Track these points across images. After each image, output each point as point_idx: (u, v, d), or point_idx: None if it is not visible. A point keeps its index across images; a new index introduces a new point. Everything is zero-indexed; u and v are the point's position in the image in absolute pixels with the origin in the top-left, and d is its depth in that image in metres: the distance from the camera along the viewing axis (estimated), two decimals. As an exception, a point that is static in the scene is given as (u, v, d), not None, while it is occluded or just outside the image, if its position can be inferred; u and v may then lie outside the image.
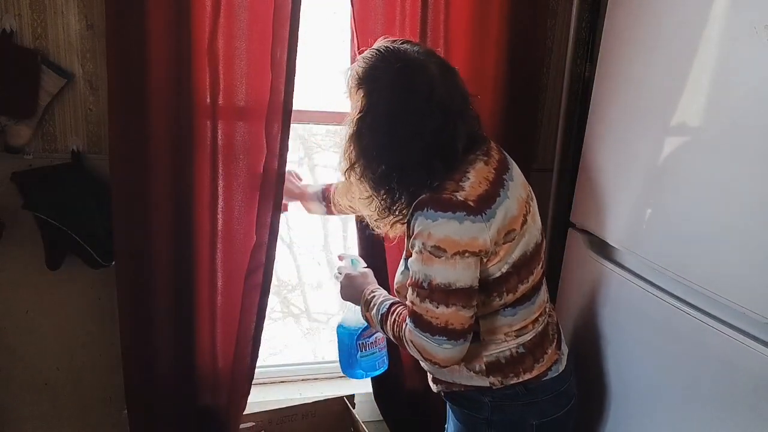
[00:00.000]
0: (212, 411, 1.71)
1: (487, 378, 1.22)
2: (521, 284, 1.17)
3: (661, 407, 1.31)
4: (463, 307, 1.09)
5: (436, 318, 1.09)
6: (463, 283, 1.08)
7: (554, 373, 1.26)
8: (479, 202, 1.07)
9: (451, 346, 1.10)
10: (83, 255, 1.56)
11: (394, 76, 1.08)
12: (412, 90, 1.08)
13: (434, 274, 1.08)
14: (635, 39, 1.42)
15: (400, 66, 1.08)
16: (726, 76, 1.15)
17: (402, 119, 1.08)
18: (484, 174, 1.12)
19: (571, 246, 1.68)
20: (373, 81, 1.10)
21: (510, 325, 1.20)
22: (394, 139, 1.09)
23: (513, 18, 1.65)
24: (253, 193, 1.56)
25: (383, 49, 1.11)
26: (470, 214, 1.06)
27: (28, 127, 1.50)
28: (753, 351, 1.06)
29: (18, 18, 1.47)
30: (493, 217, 1.09)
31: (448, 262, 1.06)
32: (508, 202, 1.12)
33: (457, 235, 1.05)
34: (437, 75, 1.09)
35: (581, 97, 1.89)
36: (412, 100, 1.08)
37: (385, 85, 1.09)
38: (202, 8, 1.44)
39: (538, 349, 1.24)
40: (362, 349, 1.56)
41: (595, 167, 1.57)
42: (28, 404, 1.73)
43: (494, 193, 1.10)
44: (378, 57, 1.10)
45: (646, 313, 1.35)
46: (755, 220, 1.07)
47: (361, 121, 1.10)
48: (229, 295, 1.63)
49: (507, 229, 1.11)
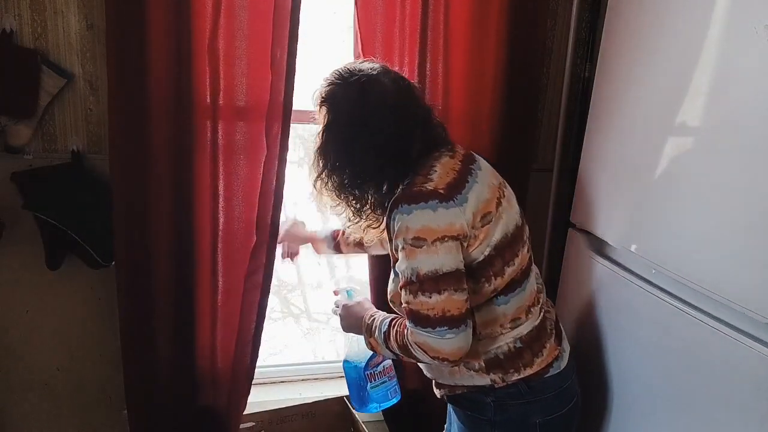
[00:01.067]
0: (212, 411, 1.71)
1: (488, 375, 1.22)
2: (507, 266, 1.19)
3: (660, 407, 1.31)
4: (455, 290, 1.11)
5: (432, 309, 1.11)
6: (449, 267, 1.11)
7: (556, 370, 1.26)
8: (449, 189, 1.13)
9: (453, 335, 1.11)
10: (83, 255, 1.56)
11: (350, 92, 1.19)
12: (367, 103, 1.18)
13: (419, 264, 1.11)
14: (635, 39, 1.42)
15: (354, 81, 1.19)
16: (726, 76, 1.15)
17: (359, 130, 1.18)
18: (450, 166, 1.19)
19: (571, 246, 1.68)
20: (332, 98, 1.21)
21: (504, 315, 1.21)
22: (352, 148, 1.19)
23: (513, 18, 1.65)
24: (253, 193, 1.56)
25: (341, 69, 1.22)
26: (442, 201, 1.11)
27: (28, 127, 1.51)
28: (753, 351, 1.06)
29: (18, 18, 1.47)
30: (465, 201, 1.14)
31: (430, 250, 1.10)
32: (477, 186, 1.17)
33: (434, 223, 1.10)
34: (391, 88, 1.20)
35: (581, 97, 1.89)
36: (366, 113, 1.18)
37: (343, 100, 1.19)
38: (202, 8, 1.44)
39: (536, 343, 1.24)
40: (371, 379, 1.56)
41: (595, 167, 1.57)
42: (28, 404, 1.73)
43: (462, 180, 1.16)
44: (336, 76, 1.21)
45: (645, 313, 1.35)
46: (755, 220, 1.07)
47: (325, 135, 1.22)
48: (229, 295, 1.63)
49: (482, 212, 1.16)
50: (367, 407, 1.58)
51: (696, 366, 1.21)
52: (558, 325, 1.35)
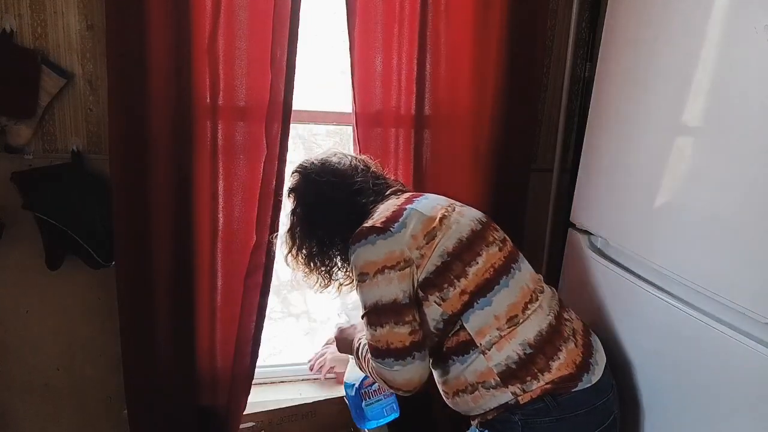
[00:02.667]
0: (212, 411, 1.71)
1: (507, 389, 1.18)
2: (469, 267, 1.21)
3: (660, 407, 1.31)
4: (395, 323, 1.17)
5: (378, 341, 1.19)
6: (387, 299, 1.18)
7: (586, 384, 1.19)
8: (386, 223, 1.22)
9: (400, 367, 1.17)
10: (83, 255, 1.56)
11: (304, 181, 1.38)
12: (319, 189, 1.35)
13: (365, 298, 1.21)
14: (635, 39, 1.42)
15: (307, 173, 1.38)
16: (726, 75, 1.15)
17: (315, 207, 1.36)
18: (392, 204, 1.29)
19: (571, 246, 1.68)
20: (294, 190, 1.39)
21: (495, 316, 1.20)
22: (313, 222, 1.36)
23: (513, 18, 1.65)
24: (253, 192, 1.56)
25: (298, 166, 1.40)
26: (380, 234, 1.20)
27: (28, 127, 1.51)
28: (753, 351, 1.06)
29: (18, 18, 1.47)
30: (403, 227, 1.21)
31: (372, 283, 1.19)
32: (416, 211, 1.25)
33: (374, 256, 1.19)
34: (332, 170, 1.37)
35: (581, 97, 1.89)
36: (320, 195, 1.35)
37: (302, 190, 1.38)
38: (202, 8, 1.44)
39: (549, 346, 1.20)
40: (366, 397, 1.64)
41: (595, 167, 1.57)
42: (28, 404, 1.73)
43: (400, 211, 1.25)
44: (296, 172, 1.40)
45: (645, 312, 1.35)
46: (755, 220, 1.06)
47: (292, 217, 1.38)
48: (229, 295, 1.63)
49: (424, 230, 1.22)
50: (366, 424, 1.66)
51: (696, 366, 1.21)
52: (587, 338, 1.30)
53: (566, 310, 1.33)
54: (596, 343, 1.31)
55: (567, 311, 1.33)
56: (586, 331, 1.32)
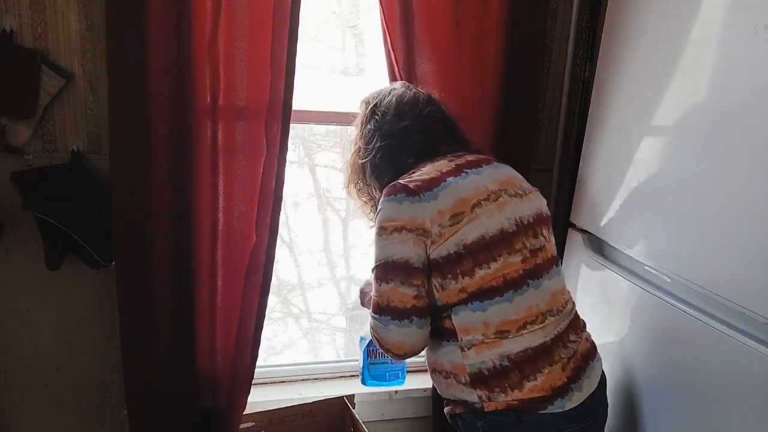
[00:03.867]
0: (212, 411, 1.71)
1: (474, 391, 1.17)
2: (479, 268, 1.14)
3: (660, 407, 1.31)
4: (401, 283, 1.15)
5: (379, 296, 1.18)
6: (399, 257, 1.15)
7: (557, 409, 1.14)
8: (420, 186, 1.17)
9: (395, 327, 1.16)
10: (83, 255, 1.56)
11: (367, 113, 1.36)
12: (374, 120, 1.34)
13: (377, 252, 1.19)
14: (635, 39, 1.42)
15: (370, 105, 1.36)
16: (726, 76, 1.15)
17: (370, 140, 1.33)
18: (440, 167, 1.23)
19: (571, 246, 1.68)
20: (358, 120, 1.39)
21: (484, 323, 1.14)
22: (369, 154, 1.33)
23: (512, 18, 1.65)
24: (253, 192, 1.56)
25: (366, 96, 1.41)
26: (409, 195, 1.16)
27: (28, 127, 1.50)
28: (753, 351, 1.06)
29: (18, 18, 1.47)
30: (434, 198, 1.16)
31: (388, 239, 1.17)
32: (456, 186, 1.19)
33: (396, 214, 1.17)
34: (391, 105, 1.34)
35: (581, 97, 1.89)
36: (374, 127, 1.33)
37: (363, 120, 1.37)
38: (202, 8, 1.44)
39: (528, 365, 1.14)
40: (371, 356, 1.68)
41: (595, 167, 1.57)
42: (28, 404, 1.73)
43: (440, 179, 1.19)
44: (363, 102, 1.40)
45: (645, 312, 1.35)
46: (755, 220, 1.07)
47: (354, 148, 1.38)
48: (229, 295, 1.62)
49: (453, 211, 1.16)
50: (363, 379, 1.71)
51: (696, 366, 1.21)
52: (585, 362, 1.22)
53: (580, 330, 1.26)
54: (592, 370, 1.23)
55: (579, 332, 1.25)
56: (590, 354, 1.25)
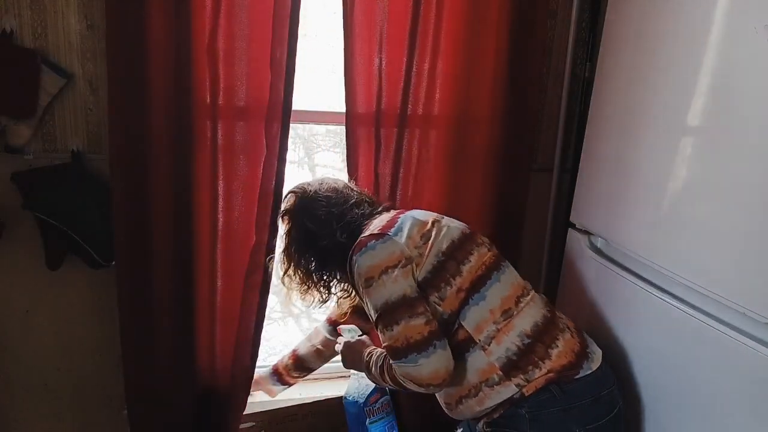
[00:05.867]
0: (212, 411, 1.71)
1: (510, 381, 1.21)
2: (462, 265, 1.27)
3: (660, 406, 1.31)
4: (410, 317, 1.21)
5: (396, 340, 1.21)
6: (396, 295, 1.22)
7: (587, 371, 1.24)
8: (383, 228, 1.29)
9: (424, 359, 1.18)
10: (83, 255, 1.56)
11: (301, 201, 1.43)
12: (319, 204, 1.40)
13: (374, 301, 1.24)
14: (635, 39, 1.42)
15: (304, 193, 1.43)
16: (726, 75, 1.15)
17: (313, 230, 1.39)
18: (385, 217, 1.36)
19: (571, 246, 1.68)
20: (289, 211, 1.44)
21: (490, 310, 1.25)
22: (313, 238, 1.39)
23: (513, 18, 1.65)
24: (253, 192, 1.57)
25: (294, 188, 1.46)
26: (378, 240, 1.27)
27: (28, 127, 1.50)
28: (753, 351, 1.06)
29: (18, 18, 1.47)
30: (399, 230, 1.28)
31: (378, 284, 1.23)
32: (408, 220, 1.32)
33: (376, 260, 1.25)
34: (328, 190, 1.43)
35: (581, 97, 1.89)
36: (320, 210, 1.39)
37: (300, 207, 1.42)
38: (202, 8, 1.44)
39: (546, 335, 1.26)
40: (370, 415, 1.66)
41: (595, 167, 1.57)
42: (27, 405, 1.73)
43: (394, 220, 1.32)
44: (292, 194, 1.45)
45: (645, 312, 1.35)
46: (755, 220, 1.07)
47: (287, 238, 1.44)
48: (228, 295, 1.63)
49: (419, 233, 1.29)
50: None
51: (696, 365, 1.21)
52: (581, 333, 1.35)
53: (558, 311, 1.38)
54: (589, 339, 1.36)
55: (559, 312, 1.37)
56: (579, 328, 1.37)
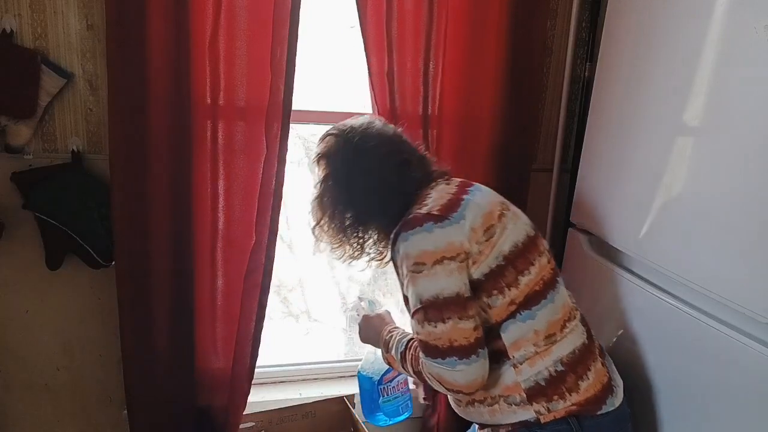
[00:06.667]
0: (212, 411, 1.71)
1: (531, 406, 1.13)
2: (521, 276, 1.14)
3: (660, 406, 1.31)
4: (460, 318, 1.09)
5: (438, 339, 1.09)
6: (449, 291, 1.09)
7: (610, 407, 1.15)
8: (443, 210, 1.13)
9: (465, 366, 1.08)
10: (83, 255, 1.56)
11: (345, 147, 1.25)
12: (361, 153, 1.24)
13: (421, 290, 1.11)
14: (635, 39, 1.42)
15: (348, 138, 1.25)
16: (726, 76, 1.15)
17: (357, 177, 1.24)
18: (445, 190, 1.20)
19: (571, 246, 1.68)
20: (328, 155, 1.27)
21: (535, 331, 1.14)
22: (354, 193, 1.25)
23: (513, 18, 1.65)
24: (253, 192, 1.56)
25: (334, 129, 1.29)
26: (437, 222, 1.11)
27: (28, 127, 1.50)
28: (753, 351, 1.06)
29: (18, 18, 1.47)
30: (462, 218, 1.13)
31: (430, 273, 1.09)
32: (474, 202, 1.16)
33: (431, 245, 1.10)
34: (380, 137, 1.26)
35: (581, 97, 1.89)
36: (361, 162, 1.24)
37: (339, 155, 1.25)
38: (202, 8, 1.44)
39: (580, 365, 1.16)
40: (384, 393, 1.57)
41: (595, 167, 1.57)
42: (27, 404, 1.73)
43: (457, 200, 1.16)
44: (331, 136, 1.28)
45: (645, 312, 1.35)
46: (755, 220, 1.07)
47: (323, 186, 1.28)
48: (228, 295, 1.63)
49: (484, 225, 1.14)
50: (376, 418, 1.60)
51: (696, 365, 1.21)
52: (606, 357, 1.26)
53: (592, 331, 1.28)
54: (612, 365, 1.27)
55: (593, 333, 1.27)
56: (603, 350, 1.28)
